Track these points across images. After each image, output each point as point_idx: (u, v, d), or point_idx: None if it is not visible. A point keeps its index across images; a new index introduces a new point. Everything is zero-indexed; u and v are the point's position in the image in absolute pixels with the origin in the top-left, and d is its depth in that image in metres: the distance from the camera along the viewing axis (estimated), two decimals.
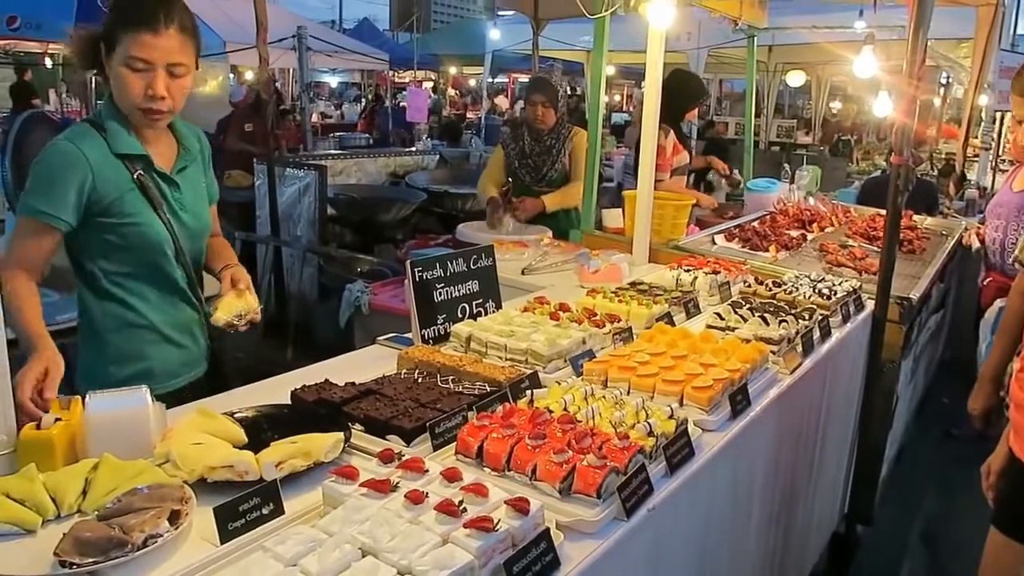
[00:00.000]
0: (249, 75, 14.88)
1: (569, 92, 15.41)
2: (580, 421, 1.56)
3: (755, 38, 5.66)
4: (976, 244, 4.16)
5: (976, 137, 7.67)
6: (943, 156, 8.45)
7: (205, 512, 1.23)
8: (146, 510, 1.21)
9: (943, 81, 11.47)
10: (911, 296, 3.04)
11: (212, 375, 2.21)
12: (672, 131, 4.52)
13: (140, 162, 1.94)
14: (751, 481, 2.03)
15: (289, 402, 1.73)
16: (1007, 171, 4.03)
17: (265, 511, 1.27)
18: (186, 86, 1.93)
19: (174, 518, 1.22)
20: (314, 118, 13.03)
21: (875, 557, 3.29)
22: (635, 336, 2.21)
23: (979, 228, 4.31)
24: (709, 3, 4.65)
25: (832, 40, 7.59)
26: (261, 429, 1.57)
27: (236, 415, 1.61)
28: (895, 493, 3.65)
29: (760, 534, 2.22)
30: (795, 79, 12.88)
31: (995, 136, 7.78)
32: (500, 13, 12.70)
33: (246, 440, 1.50)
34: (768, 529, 2.29)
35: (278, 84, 13.55)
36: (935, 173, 7.42)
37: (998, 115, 7.89)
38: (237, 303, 2.03)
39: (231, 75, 12.34)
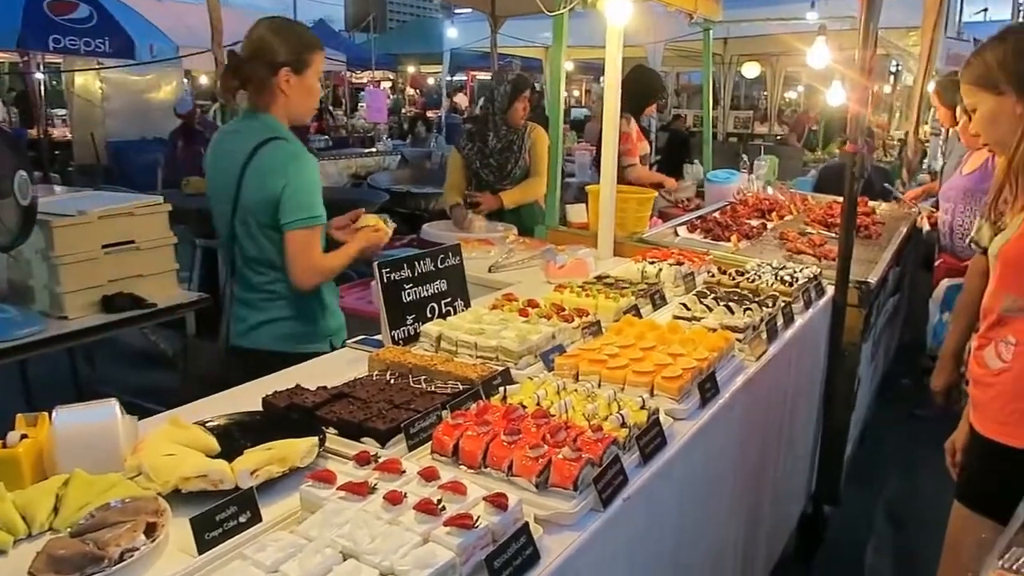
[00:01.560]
0: (204, 79, 14.66)
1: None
2: (554, 415, 1.58)
3: (711, 31, 5.74)
4: (927, 227, 4.28)
5: (926, 123, 7.86)
6: (895, 142, 8.66)
7: (181, 523, 1.22)
8: (120, 524, 1.20)
9: (892, 69, 11.75)
10: (869, 280, 3.12)
11: None
12: (633, 120, 4.58)
13: None
14: (722, 467, 2.07)
15: (261, 409, 1.72)
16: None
17: (242, 519, 1.26)
18: None
19: (150, 531, 1.21)
20: None
21: (843, 536, 3.37)
22: (604, 329, 2.23)
23: (931, 212, 4.43)
24: None
25: (785, 31, 7.72)
26: (234, 437, 1.56)
27: (208, 424, 1.60)
28: (860, 473, 3.75)
29: (732, 518, 2.26)
30: (750, 70, 13.07)
31: (941, 123, 7.97)
32: (457, 11, 12.63)
33: (219, 449, 1.49)
34: (740, 512, 2.34)
35: None
36: (888, 159, 7.60)
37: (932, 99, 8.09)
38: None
39: (185, 80, 12.15)
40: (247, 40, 2.34)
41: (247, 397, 1.80)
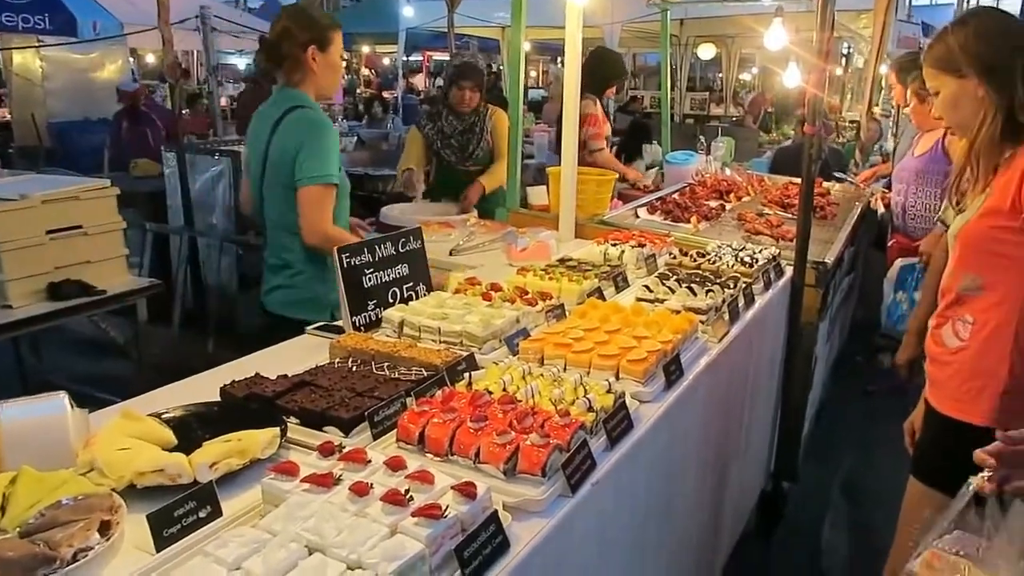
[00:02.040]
0: (151, 58, 14.23)
1: (486, 71, 15.35)
2: (520, 401, 1.56)
3: (668, 12, 5.74)
4: (881, 208, 4.35)
5: (877, 105, 8.01)
6: (848, 123, 8.81)
7: (138, 520, 1.18)
8: (73, 523, 1.15)
9: (844, 51, 11.93)
10: (826, 260, 3.16)
11: None
12: (598, 101, 4.56)
13: None
14: (686, 448, 2.08)
15: (219, 399, 1.67)
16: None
17: (202, 514, 1.22)
18: None
19: (104, 529, 1.17)
20: (223, 102, 12.56)
21: (801, 512, 3.45)
22: (568, 312, 2.22)
23: (884, 193, 4.51)
24: None
25: (742, 13, 7.76)
26: (191, 429, 1.51)
27: (163, 416, 1.55)
28: (817, 450, 3.83)
29: (696, 498, 2.28)
30: (706, 52, 13.14)
31: (894, 105, 8.14)
32: None
33: (176, 441, 1.45)
34: (703, 492, 2.36)
35: (182, 65, 12.99)
36: (841, 141, 7.73)
37: (889, 82, 8.25)
38: None
39: (131, 59, 11.77)
40: (274, 27, 2.62)
41: (204, 387, 1.74)
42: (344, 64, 2.86)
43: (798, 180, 3.07)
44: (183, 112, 7.22)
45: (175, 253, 5.30)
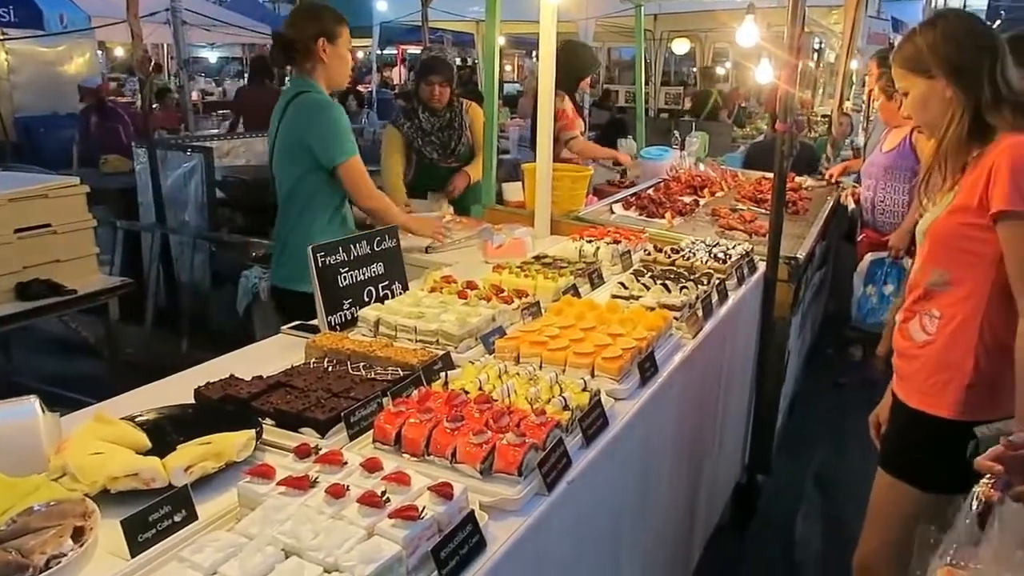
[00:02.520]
0: (120, 51, 14.01)
1: (460, 64, 15.27)
2: (496, 400, 1.57)
3: (642, 7, 5.76)
4: (852, 204, 4.41)
5: (848, 100, 8.11)
6: (820, 118, 8.90)
7: (112, 525, 1.17)
8: (45, 529, 1.14)
9: (816, 46, 12.05)
10: (798, 255, 3.20)
11: None
12: (568, 98, 4.56)
13: None
14: (662, 444, 2.10)
15: (193, 401, 1.66)
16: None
17: (177, 519, 1.22)
18: None
19: (77, 535, 1.16)
20: (194, 96, 12.39)
21: (775, 504, 3.50)
22: (543, 310, 2.23)
23: (854, 188, 4.58)
24: None
25: (715, 8, 7.81)
26: (165, 432, 1.50)
27: (137, 419, 1.54)
28: (790, 443, 3.88)
29: (672, 493, 2.31)
30: (680, 46, 13.21)
31: (865, 99, 8.24)
32: None
33: (150, 445, 1.44)
34: (679, 487, 2.39)
35: (152, 60, 12.79)
36: (814, 135, 7.81)
37: (867, 78, 8.36)
38: None
39: (99, 52, 11.58)
40: (287, 23, 2.87)
41: (178, 388, 1.73)
42: None
43: (771, 175, 3.10)
44: (154, 107, 7.12)
45: (147, 251, 5.24)
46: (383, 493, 1.21)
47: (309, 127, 2.71)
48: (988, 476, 1.34)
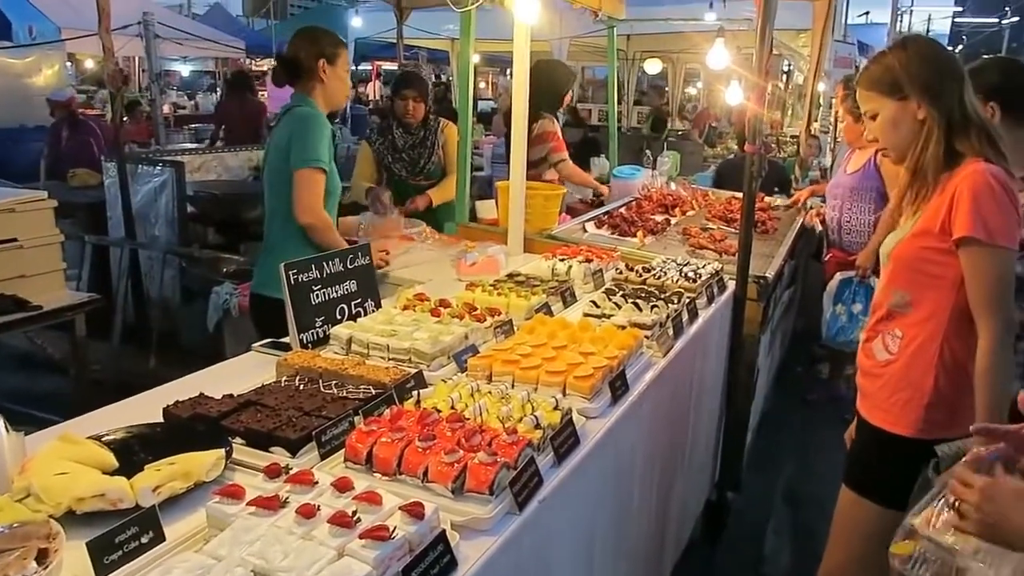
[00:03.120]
0: (90, 63, 13.86)
1: (435, 81, 15.31)
2: (468, 419, 1.58)
3: (615, 28, 5.84)
4: (819, 226, 4.49)
5: (816, 121, 8.26)
6: (789, 139, 9.06)
7: (77, 547, 1.15)
8: (9, 552, 1.12)
9: (785, 69, 12.28)
10: (767, 275, 3.25)
11: None
12: (555, 120, 4.61)
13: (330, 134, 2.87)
14: (633, 462, 2.12)
15: (162, 420, 1.65)
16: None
17: (144, 540, 1.20)
18: None
19: (41, 558, 1.14)
20: (166, 109, 12.29)
21: (745, 520, 3.52)
22: (516, 328, 2.24)
23: (820, 208, 4.66)
24: None
25: (686, 30, 7.94)
26: (133, 451, 1.49)
27: (104, 438, 1.52)
28: (760, 459, 3.92)
29: (643, 510, 2.32)
30: (652, 67, 13.37)
31: (833, 120, 8.41)
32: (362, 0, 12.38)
33: (117, 465, 1.42)
34: (650, 505, 2.40)
35: (125, 73, 12.68)
36: (783, 156, 7.95)
37: (833, 100, 8.54)
38: None
39: (69, 63, 11.46)
40: (290, 44, 2.95)
41: (147, 407, 1.71)
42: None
43: (741, 195, 3.15)
44: (124, 120, 7.07)
45: (115, 266, 5.16)
46: (354, 513, 1.21)
47: (292, 133, 2.78)
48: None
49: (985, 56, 2.70)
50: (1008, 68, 2.39)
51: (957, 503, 1.30)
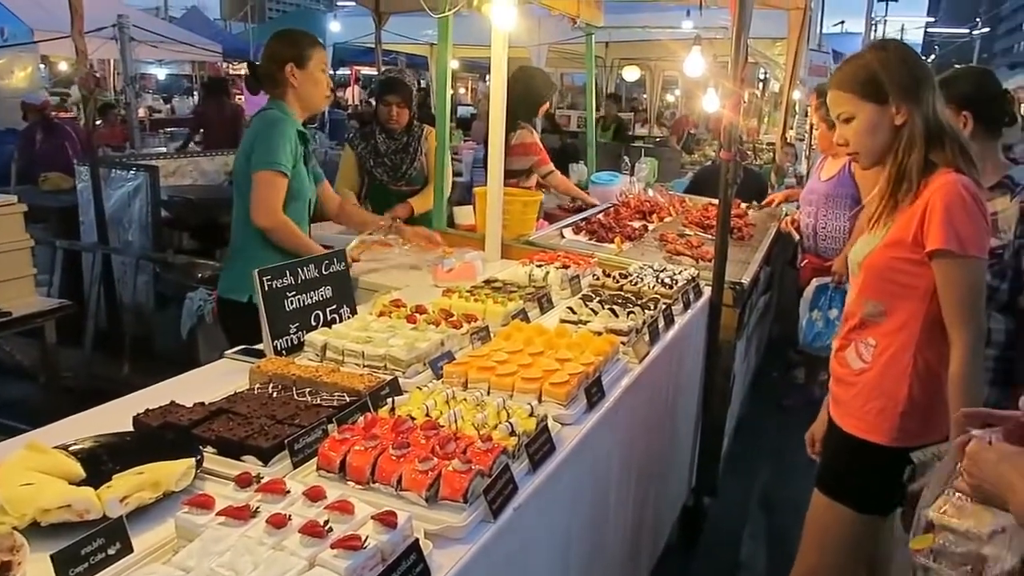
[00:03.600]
0: (63, 65, 13.68)
1: (417, 87, 15.31)
2: (443, 426, 1.57)
3: (593, 35, 5.87)
4: (794, 233, 4.53)
5: (792, 129, 8.35)
6: (765, 146, 9.15)
7: (42, 560, 1.13)
8: None
9: (761, 77, 12.41)
10: (743, 281, 3.28)
11: None
12: (534, 130, 4.61)
13: (302, 137, 2.85)
14: (609, 468, 2.12)
15: (131, 428, 1.62)
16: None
17: (111, 551, 1.18)
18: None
19: (4, 570, 1.12)
20: (141, 112, 12.16)
21: (721, 525, 3.54)
22: (492, 335, 2.24)
23: (795, 215, 4.71)
24: (548, 2, 4.76)
25: (664, 38, 8.00)
26: (101, 461, 1.46)
27: (71, 448, 1.49)
28: (736, 464, 3.94)
29: (619, 517, 2.32)
30: (631, 74, 13.47)
31: (808, 128, 8.51)
32: (340, 4, 12.35)
33: (84, 475, 1.39)
34: (626, 511, 2.40)
35: (98, 76, 12.54)
36: (759, 163, 8.02)
37: (808, 108, 8.65)
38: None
39: (41, 65, 11.31)
40: (263, 49, 2.91)
41: (117, 415, 1.68)
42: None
43: (717, 201, 3.17)
44: (96, 123, 6.99)
45: (88, 271, 5.09)
46: (326, 523, 1.20)
47: (255, 136, 2.74)
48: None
49: (957, 66, 2.74)
50: (981, 79, 2.43)
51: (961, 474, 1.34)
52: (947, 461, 1.46)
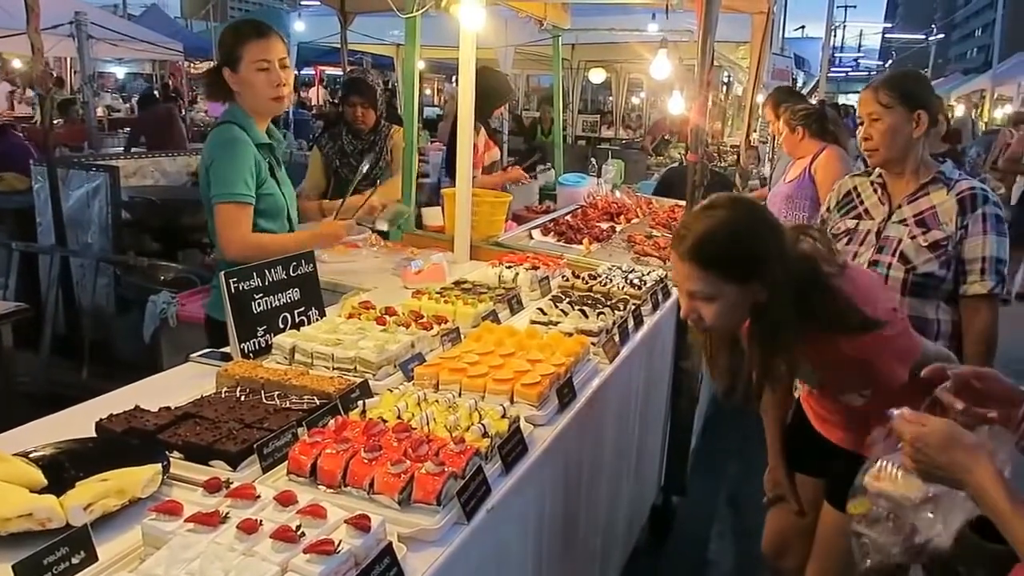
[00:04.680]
0: (17, 63, 13.35)
1: (381, 87, 15.23)
2: (415, 428, 1.56)
3: (560, 37, 5.89)
4: None
5: (755, 132, 8.47)
6: (730, 148, 9.27)
7: (3, 571, 1.10)
8: None
9: (725, 80, 12.57)
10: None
11: None
12: (483, 128, 4.60)
13: (266, 148, 2.59)
14: (580, 468, 2.12)
15: (94, 434, 1.58)
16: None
17: (75, 560, 1.15)
18: (291, 77, 2.61)
19: None
20: (100, 112, 11.92)
21: (689, 523, 3.57)
22: (463, 336, 2.23)
23: None
24: (515, 4, 4.77)
25: (630, 41, 8.06)
26: (63, 468, 1.42)
27: (31, 455, 1.45)
28: (704, 463, 3.97)
29: (591, 516, 2.33)
30: (596, 76, 13.55)
31: (771, 131, 8.64)
32: (304, 3, 12.22)
33: (46, 482, 1.36)
34: (598, 510, 2.41)
35: (54, 73, 12.26)
36: (724, 165, 8.12)
37: (766, 113, 8.79)
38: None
39: None
40: None
41: (79, 421, 1.64)
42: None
43: (684, 203, 3.20)
44: (55, 122, 6.81)
45: (45, 274, 4.96)
46: (298, 527, 1.18)
47: (212, 159, 2.50)
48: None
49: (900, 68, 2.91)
50: (927, 81, 2.59)
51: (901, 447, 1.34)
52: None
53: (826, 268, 1.76)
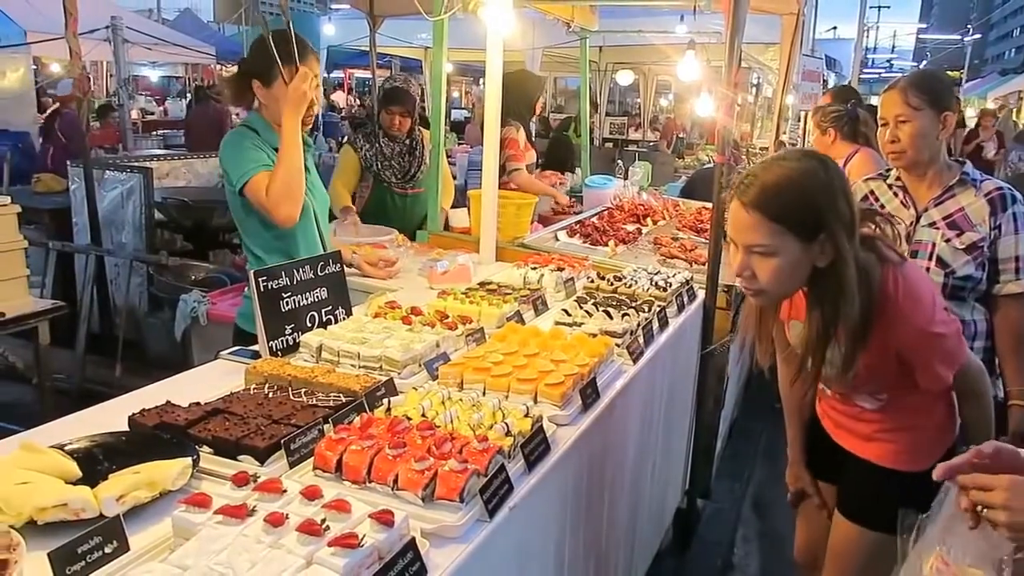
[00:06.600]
0: (55, 67, 13.64)
1: (419, 94, 15.35)
2: (439, 426, 1.58)
3: (587, 40, 5.89)
4: None
5: (785, 134, 8.39)
6: (759, 151, 9.19)
7: (39, 558, 1.13)
8: None
9: (754, 82, 12.48)
10: (736, 284, 3.28)
11: None
12: (522, 128, 4.62)
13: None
14: (603, 469, 2.13)
15: (127, 428, 1.62)
16: None
17: (108, 550, 1.18)
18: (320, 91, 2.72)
19: (2, 568, 1.12)
20: (134, 115, 12.14)
21: (714, 527, 3.55)
22: (487, 336, 2.24)
23: None
24: (543, 6, 4.79)
25: (658, 43, 8.03)
26: (97, 461, 1.46)
27: (67, 447, 1.49)
28: (729, 466, 3.95)
29: (614, 518, 2.33)
30: (624, 78, 13.49)
31: (800, 133, 8.57)
32: (334, 7, 12.36)
33: (80, 474, 1.39)
34: (620, 512, 2.41)
35: (91, 77, 12.49)
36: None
37: (802, 114, 8.71)
38: None
39: (34, 67, 11.28)
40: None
41: (112, 415, 1.68)
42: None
43: (711, 205, 3.18)
44: (90, 125, 6.94)
45: (81, 273, 5.08)
46: (323, 521, 1.20)
47: (223, 162, 2.54)
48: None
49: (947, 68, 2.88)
50: (951, 83, 2.62)
51: (981, 510, 1.18)
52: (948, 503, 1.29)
53: (888, 254, 1.73)
